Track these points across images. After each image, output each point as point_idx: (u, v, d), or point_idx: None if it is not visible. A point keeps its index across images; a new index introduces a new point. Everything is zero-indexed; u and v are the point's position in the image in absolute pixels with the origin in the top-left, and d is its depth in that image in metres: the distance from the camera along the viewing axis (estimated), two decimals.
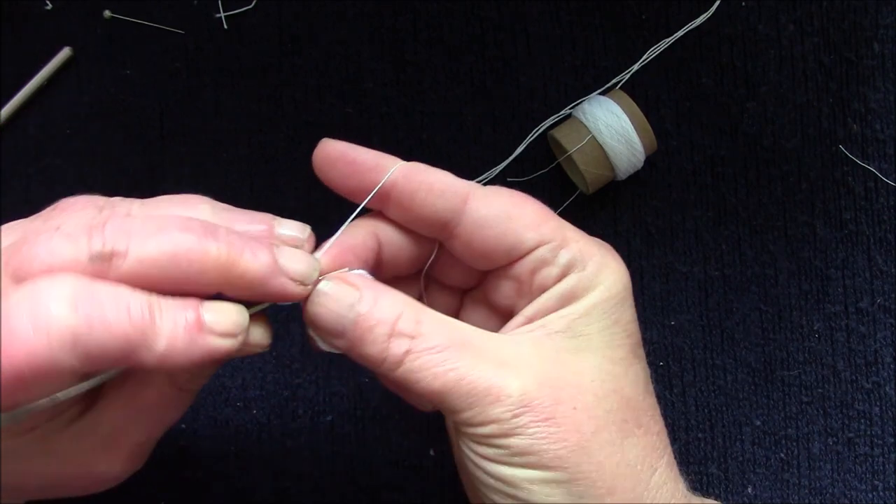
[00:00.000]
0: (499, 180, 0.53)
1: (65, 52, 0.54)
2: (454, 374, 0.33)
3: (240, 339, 0.33)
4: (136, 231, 0.32)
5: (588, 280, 0.36)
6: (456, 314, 0.41)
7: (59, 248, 0.31)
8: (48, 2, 0.54)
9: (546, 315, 0.36)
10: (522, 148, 0.54)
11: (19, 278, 0.31)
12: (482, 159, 0.54)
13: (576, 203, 0.54)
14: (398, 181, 0.36)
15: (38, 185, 0.54)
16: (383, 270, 0.38)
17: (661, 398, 0.54)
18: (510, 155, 0.54)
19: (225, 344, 0.32)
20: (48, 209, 0.35)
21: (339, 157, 0.37)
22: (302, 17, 0.54)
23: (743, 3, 0.54)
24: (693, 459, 0.53)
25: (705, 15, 0.54)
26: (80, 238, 0.31)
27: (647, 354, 0.53)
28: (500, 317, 0.39)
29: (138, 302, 0.31)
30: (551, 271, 0.36)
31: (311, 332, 0.36)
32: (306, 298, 0.35)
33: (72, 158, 0.54)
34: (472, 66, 0.54)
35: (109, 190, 0.53)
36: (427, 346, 0.34)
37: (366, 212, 0.38)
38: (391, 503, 0.53)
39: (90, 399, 0.36)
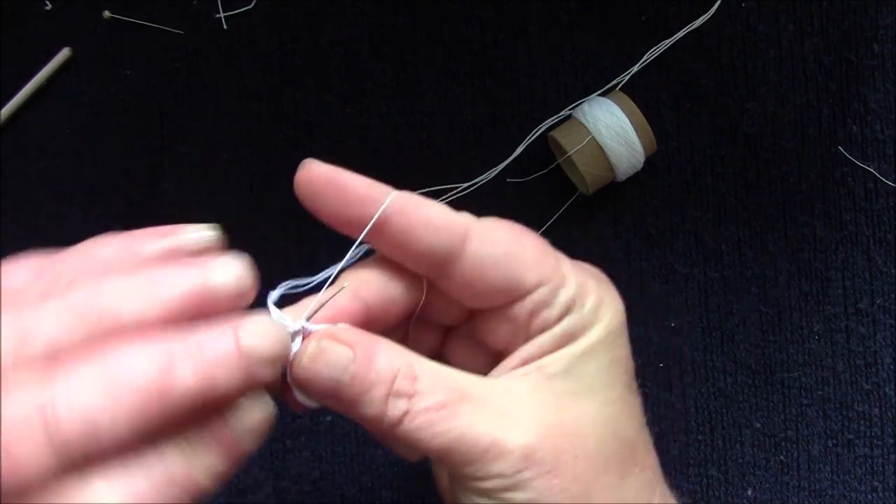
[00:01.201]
0: (499, 181, 0.53)
1: (64, 53, 0.54)
2: (454, 434, 0.32)
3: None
4: (93, 408, 0.26)
5: (587, 319, 0.35)
6: (439, 352, 0.39)
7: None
8: (48, 2, 0.54)
9: (543, 356, 0.35)
10: (522, 148, 0.54)
11: None
12: (482, 159, 0.54)
13: (576, 204, 0.53)
14: (392, 215, 0.33)
15: (38, 185, 0.54)
16: (370, 327, 0.35)
17: (660, 399, 0.54)
18: (510, 155, 0.53)
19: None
20: None
21: (328, 183, 0.34)
22: (302, 17, 0.54)
23: (743, 4, 0.54)
24: (693, 461, 0.53)
25: (705, 16, 0.54)
26: (36, 431, 0.26)
27: (647, 356, 0.53)
28: (488, 354, 0.37)
29: None
30: (551, 312, 0.35)
31: (296, 393, 0.33)
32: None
33: (72, 158, 0.54)
34: (472, 66, 0.54)
35: (109, 190, 0.54)
36: (425, 405, 0.32)
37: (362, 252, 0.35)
38: (391, 503, 0.53)
39: None
